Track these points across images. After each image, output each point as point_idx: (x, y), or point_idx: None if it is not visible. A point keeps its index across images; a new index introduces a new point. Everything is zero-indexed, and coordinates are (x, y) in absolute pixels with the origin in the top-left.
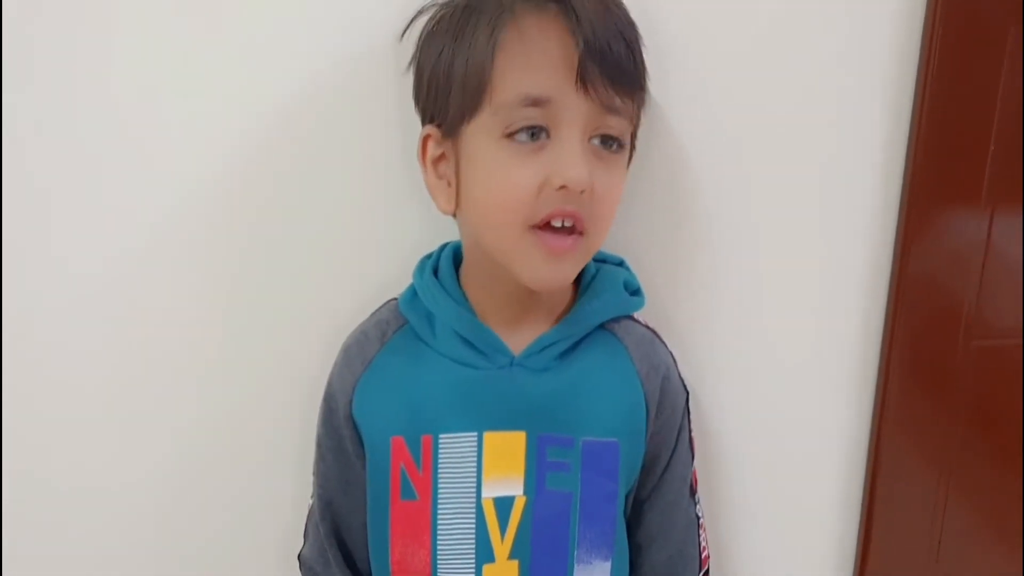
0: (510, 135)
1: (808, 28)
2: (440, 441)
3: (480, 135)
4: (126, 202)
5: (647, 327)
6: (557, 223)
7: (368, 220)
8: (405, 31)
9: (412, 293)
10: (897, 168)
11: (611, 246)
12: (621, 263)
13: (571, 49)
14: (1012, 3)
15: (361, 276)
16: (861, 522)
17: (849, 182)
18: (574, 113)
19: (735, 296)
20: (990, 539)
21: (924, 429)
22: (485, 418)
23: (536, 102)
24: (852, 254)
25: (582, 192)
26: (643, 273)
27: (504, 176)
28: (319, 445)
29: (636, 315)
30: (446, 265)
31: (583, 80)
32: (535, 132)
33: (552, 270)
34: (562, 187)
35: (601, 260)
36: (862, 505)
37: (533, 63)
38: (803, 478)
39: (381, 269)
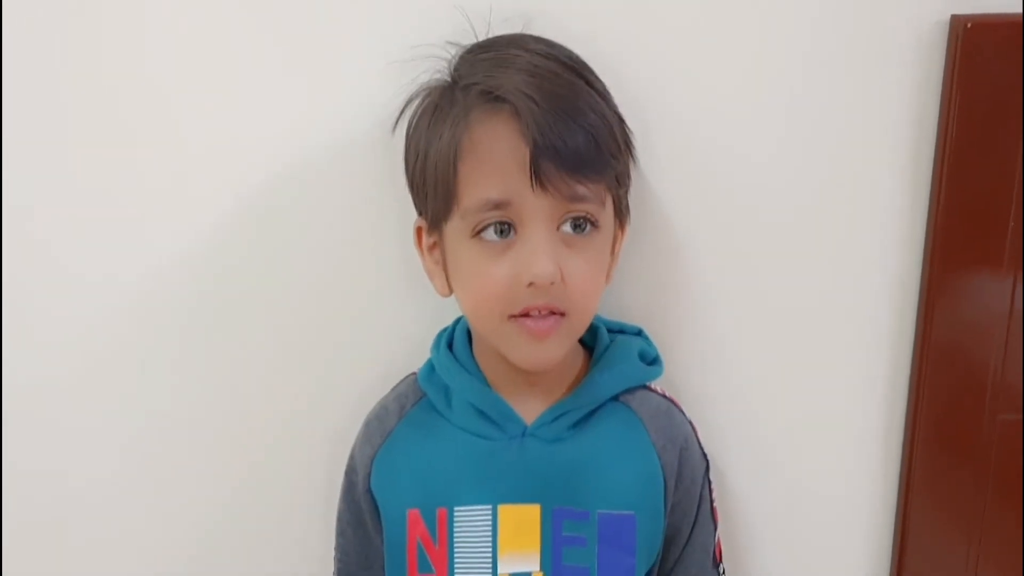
0: (478, 234)
1: (825, 94)
2: (455, 514)
3: (455, 234)
4: (145, 269)
5: (664, 396)
6: (535, 313)
7: (391, 296)
8: (396, 124)
9: (430, 367)
10: (919, 235)
11: (625, 316)
12: (639, 332)
13: (523, 150)
14: None
15: (382, 352)
16: None
17: (869, 251)
18: (535, 210)
19: (756, 364)
20: None
21: (952, 499)
22: (499, 490)
23: (497, 205)
24: (874, 324)
25: (552, 284)
26: (661, 341)
27: (478, 273)
28: (339, 520)
29: (654, 384)
30: (460, 338)
31: (538, 180)
32: (503, 229)
33: (537, 351)
34: (531, 283)
35: (619, 331)
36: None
37: (489, 169)
38: (829, 550)
39: (402, 344)
